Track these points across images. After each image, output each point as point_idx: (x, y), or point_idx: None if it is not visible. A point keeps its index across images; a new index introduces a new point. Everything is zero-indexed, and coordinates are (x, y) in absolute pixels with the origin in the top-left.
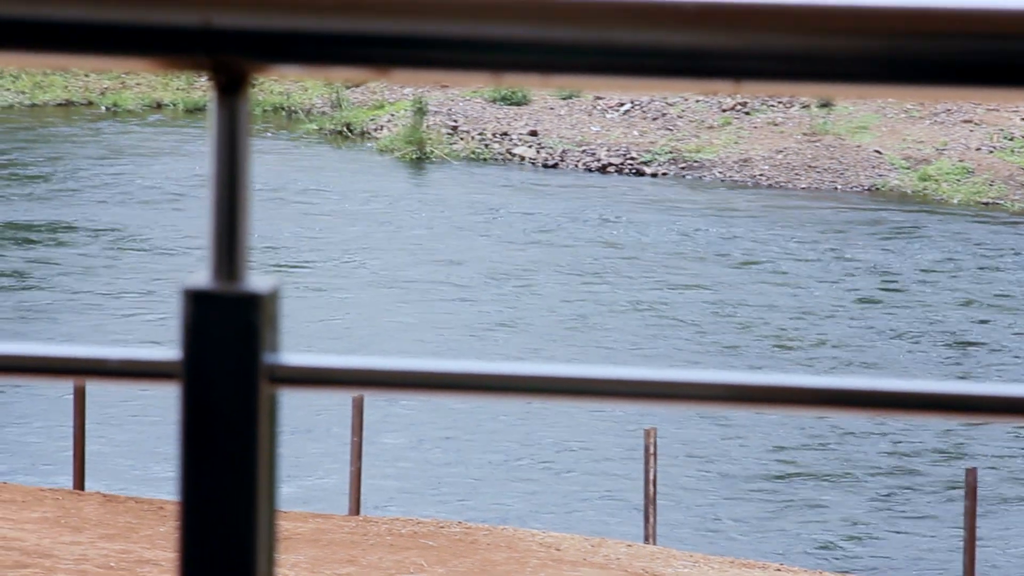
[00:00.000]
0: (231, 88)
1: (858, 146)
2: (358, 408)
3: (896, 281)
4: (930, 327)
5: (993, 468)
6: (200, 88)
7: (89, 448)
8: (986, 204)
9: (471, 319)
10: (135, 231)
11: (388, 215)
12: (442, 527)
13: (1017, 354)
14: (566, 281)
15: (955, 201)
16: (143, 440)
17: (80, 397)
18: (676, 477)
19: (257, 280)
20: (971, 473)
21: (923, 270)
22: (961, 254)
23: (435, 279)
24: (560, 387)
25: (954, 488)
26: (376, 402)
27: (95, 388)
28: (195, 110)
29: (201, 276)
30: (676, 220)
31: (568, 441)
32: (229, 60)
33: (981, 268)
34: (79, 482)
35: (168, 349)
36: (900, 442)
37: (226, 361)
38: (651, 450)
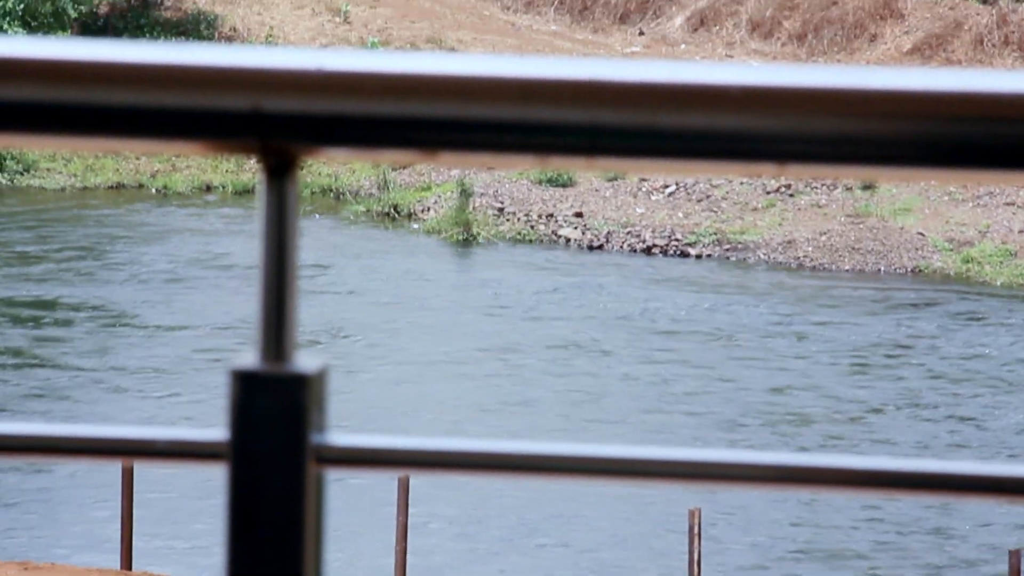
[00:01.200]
0: (280, 171)
1: (901, 228)
2: (404, 488)
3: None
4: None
5: None
6: (249, 171)
7: (137, 528)
8: None
9: (516, 396)
10: (173, 309)
11: (435, 295)
12: None
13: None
14: (610, 360)
15: (998, 283)
16: (189, 519)
17: (128, 478)
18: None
19: (304, 360)
20: (1014, 555)
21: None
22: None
23: (482, 359)
24: (603, 467)
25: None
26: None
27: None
28: (244, 192)
29: (249, 357)
30: (723, 301)
31: (603, 520)
32: (278, 143)
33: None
34: (127, 562)
35: (215, 429)
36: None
37: (273, 441)
38: (695, 531)
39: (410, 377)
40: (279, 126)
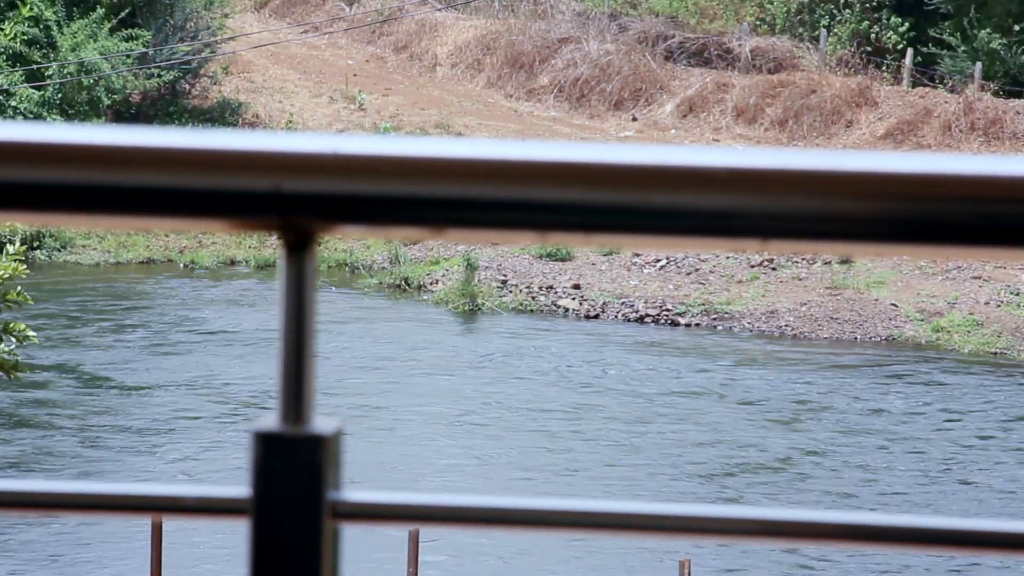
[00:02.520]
0: (299, 246)
1: (876, 299)
2: (414, 541)
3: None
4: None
5: None
6: (271, 246)
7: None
8: (994, 354)
9: (520, 459)
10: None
11: (442, 361)
12: None
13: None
14: (609, 424)
15: (966, 351)
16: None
17: (157, 532)
18: None
19: (321, 422)
20: None
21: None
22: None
23: (486, 421)
24: (597, 521)
25: None
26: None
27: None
28: (266, 266)
29: (269, 419)
30: (710, 367)
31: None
32: (297, 221)
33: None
34: None
35: (238, 487)
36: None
37: (292, 498)
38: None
39: (422, 430)
40: (298, 205)
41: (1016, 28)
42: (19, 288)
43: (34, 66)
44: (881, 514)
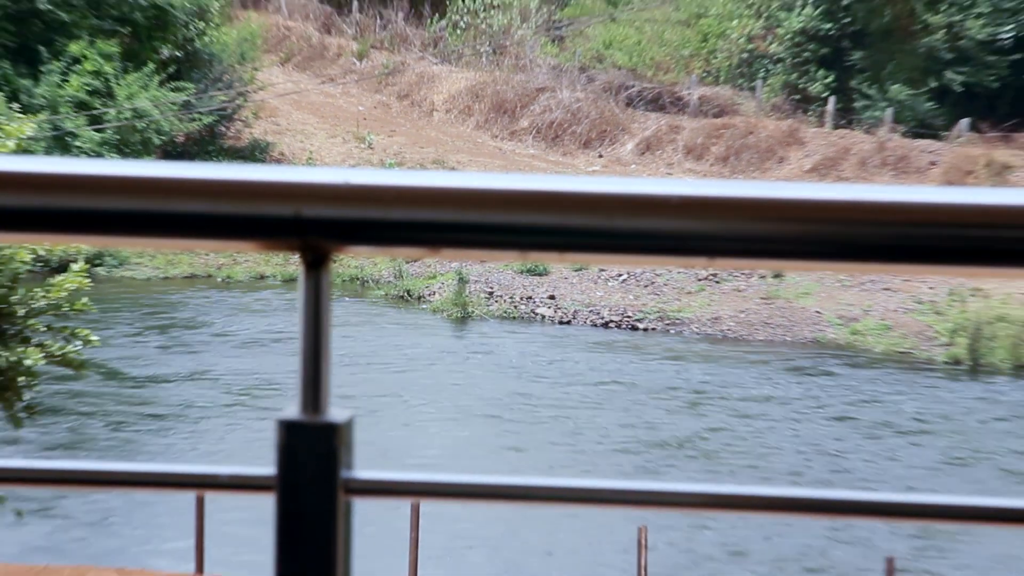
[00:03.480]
0: (316, 264)
1: (803, 307)
2: (416, 512)
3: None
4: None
5: None
6: (295, 263)
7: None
8: (901, 353)
9: (502, 440)
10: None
11: (438, 359)
12: None
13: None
14: (590, 414)
15: (878, 351)
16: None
17: (200, 503)
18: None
19: (336, 412)
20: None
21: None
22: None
23: (476, 410)
24: (571, 495)
25: None
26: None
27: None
28: (291, 280)
29: (291, 409)
30: (671, 367)
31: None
32: (315, 243)
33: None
34: (200, 567)
35: (265, 467)
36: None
37: (311, 477)
38: (644, 543)
39: (421, 418)
40: (316, 229)
41: (921, 82)
42: (84, 299)
43: (95, 112)
44: (789, 487)
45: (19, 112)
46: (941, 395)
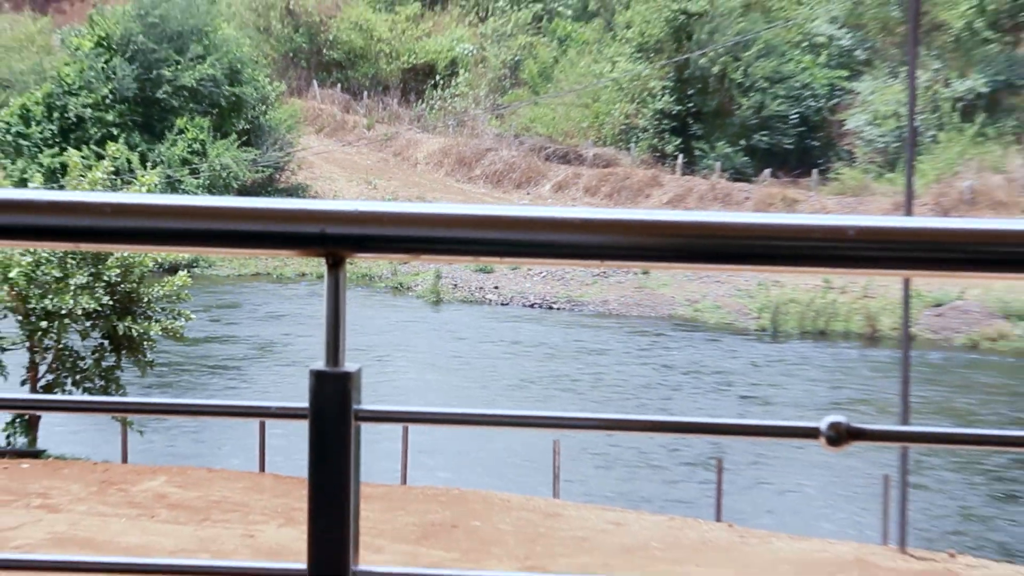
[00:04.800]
0: (336, 266)
1: (662, 293)
2: (405, 430)
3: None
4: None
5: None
6: (321, 266)
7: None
8: (727, 324)
9: (509, 372)
10: (272, 340)
11: (428, 326)
12: (448, 491)
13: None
14: (516, 359)
15: (712, 323)
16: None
17: (262, 427)
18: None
19: (349, 364)
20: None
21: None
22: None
23: (445, 361)
24: (535, 422)
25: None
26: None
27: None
28: (321, 277)
29: (319, 362)
30: (563, 330)
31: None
32: (335, 251)
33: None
34: (262, 467)
35: (301, 402)
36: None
37: (332, 408)
38: (557, 451)
39: (409, 368)
40: (336, 241)
41: (737, 143)
42: (186, 291)
43: (194, 166)
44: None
45: (148, 168)
46: (750, 352)
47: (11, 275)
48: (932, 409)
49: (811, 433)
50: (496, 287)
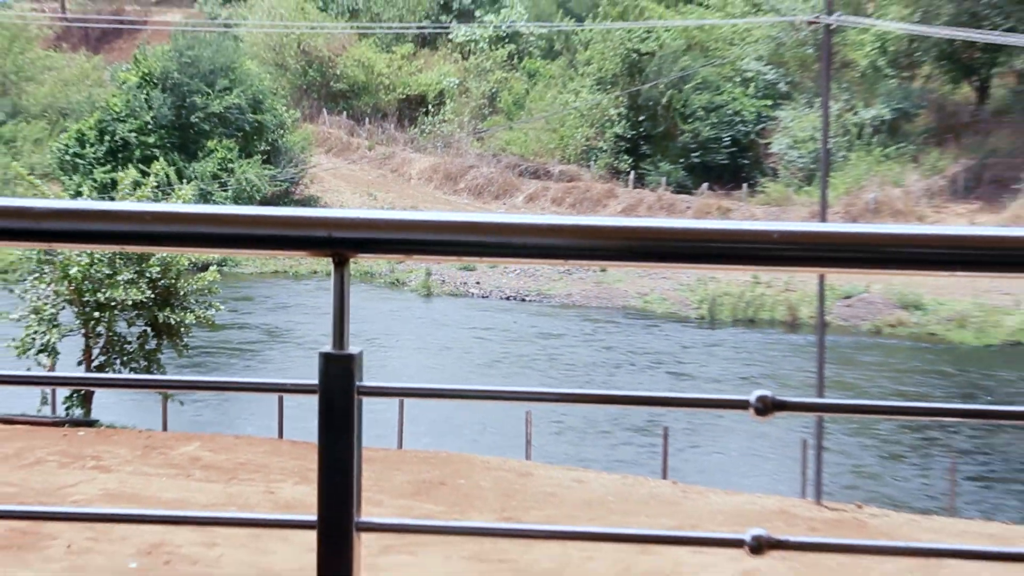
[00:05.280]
0: (341, 264)
1: (618, 287)
2: (401, 402)
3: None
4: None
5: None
6: (329, 265)
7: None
8: (672, 313)
9: (483, 353)
10: (282, 327)
11: (418, 316)
12: (437, 454)
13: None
14: (488, 343)
15: (659, 312)
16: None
17: (280, 399)
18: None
19: (352, 347)
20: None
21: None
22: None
23: (431, 344)
24: (505, 396)
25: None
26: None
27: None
28: (330, 274)
29: (327, 346)
30: (537, 319)
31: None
32: (341, 252)
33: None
34: (280, 434)
35: (311, 380)
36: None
37: (338, 384)
38: (529, 421)
39: (402, 350)
40: (341, 244)
41: (679, 161)
42: (215, 285)
43: (223, 181)
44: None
45: (184, 182)
46: (687, 336)
47: (71, 272)
48: (838, 384)
49: (742, 405)
50: (478, 282)
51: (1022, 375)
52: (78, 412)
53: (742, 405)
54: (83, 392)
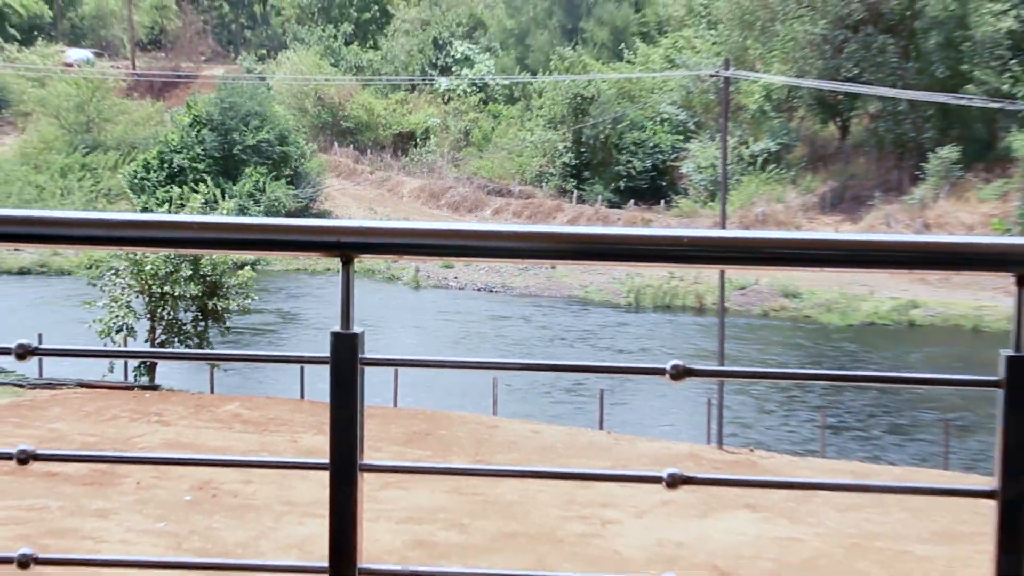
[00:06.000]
0: (347, 263)
1: (564, 281)
2: (396, 371)
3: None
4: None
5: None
6: (338, 264)
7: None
8: (606, 300)
9: (454, 332)
10: (301, 312)
11: (408, 307)
12: (424, 411)
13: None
14: (458, 324)
15: (597, 300)
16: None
17: (302, 369)
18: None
19: (356, 328)
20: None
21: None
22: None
23: (415, 325)
24: (472, 365)
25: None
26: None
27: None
28: (339, 271)
29: (336, 327)
30: (503, 306)
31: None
32: (348, 253)
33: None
34: (302, 395)
35: (324, 354)
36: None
37: (345, 357)
38: (495, 383)
39: (394, 330)
40: (347, 247)
41: (611, 184)
42: (251, 280)
43: (256, 199)
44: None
45: (226, 199)
46: (613, 318)
47: (144, 270)
48: (735, 357)
49: (660, 372)
50: (456, 277)
51: (863, 348)
52: (144, 379)
53: (660, 372)
54: (148, 363)
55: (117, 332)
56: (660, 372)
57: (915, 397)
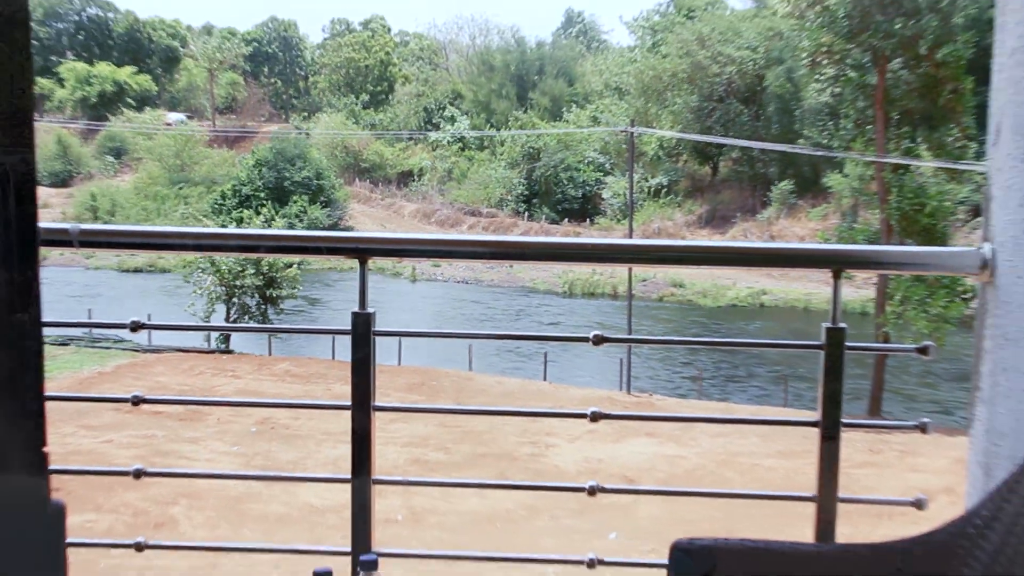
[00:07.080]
0: (363, 263)
1: (520, 275)
2: (399, 341)
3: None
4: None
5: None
6: (355, 264)
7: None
8: (549, 290)
9: (439, 312)
10: (324, 301)
11: (408, 294)
12: (420, 368)
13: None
14: (436, 306)
15: (541, 290)
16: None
17: (333, 340)
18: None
19: (370, 309)
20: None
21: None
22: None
23: (410, 307)
24: (460, 335)
25: None
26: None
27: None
28: (357, 270)
29: (355, 307)
30: (475, 294)
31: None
32: (363, 256)
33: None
34: (333, 357)
35: (345, 326)
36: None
37: (363, 330)
38: (471, 349)
39: (397, 311)
40: (363, 251)
41: (555, 208)
42: (296, 274)
43: (301, 215)
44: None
45: (279, 218)
46: (547, 302)
47: (221, 269)
48: (639, 327)
49: (584, 339)
50: (442, 273)
51: (726, 323)
52: (223, 346)
53: (585, 340)
54: (226, 334)
55: (208, 314)
56: (585, 340)
57: (749, 358)
